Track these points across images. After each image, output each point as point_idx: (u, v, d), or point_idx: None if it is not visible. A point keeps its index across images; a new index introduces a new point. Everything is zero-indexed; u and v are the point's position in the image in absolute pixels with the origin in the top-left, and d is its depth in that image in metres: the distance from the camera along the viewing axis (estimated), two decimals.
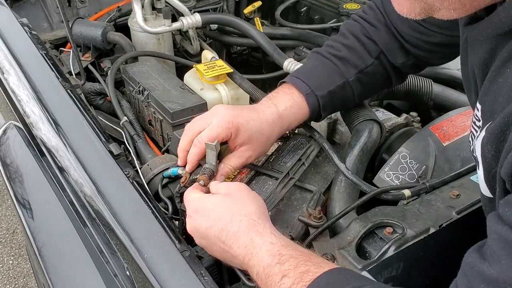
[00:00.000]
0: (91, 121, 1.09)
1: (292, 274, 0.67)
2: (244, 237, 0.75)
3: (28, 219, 1.13)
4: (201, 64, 1.33)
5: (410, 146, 1.03)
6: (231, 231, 0.76)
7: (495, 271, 0.50)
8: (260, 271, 0.71)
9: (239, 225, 0.76)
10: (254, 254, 0.73)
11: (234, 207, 0.79)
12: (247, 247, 0.74)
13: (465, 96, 1.27)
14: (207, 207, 0.81)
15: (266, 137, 0.94)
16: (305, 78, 0.99)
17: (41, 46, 1.36)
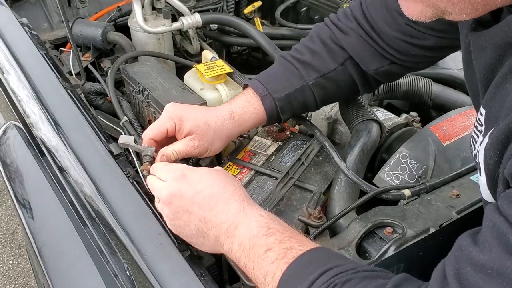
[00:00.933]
0: (91, 121, 1.09)
1: (276, 249, 0.68)
2: (236, 204, 0.76)
3: (28, 219, 1.13)
4: (201, 64, 1.33)
5: (410, 146, 1.03)
6: (223, 198, 0.76)
7: (484, 257, 0.50)
8: (245, 241, 0.71)
9: (232, 193, 0.77)
10: (242, 222, 0.73)
11: (227, 178, 0.81)
12: (237, 214, 0.74)
13: (465, 96, 1.27)
14: (198, 174, 0.80)
15: (213, 130, 0.93)
16: (264, 81, 0.99)
17: (41, 46, 1.36)
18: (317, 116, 1.24)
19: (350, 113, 1.09)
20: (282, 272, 0.65)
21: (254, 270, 0.69)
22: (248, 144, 1.11)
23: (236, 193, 0.78)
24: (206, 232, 0.76)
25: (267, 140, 1.12)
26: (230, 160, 1.06)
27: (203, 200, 0.77)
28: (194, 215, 0.77)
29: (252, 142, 1.12)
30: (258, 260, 0.68)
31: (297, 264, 0.65)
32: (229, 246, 0.73)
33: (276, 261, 0.67)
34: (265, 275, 0.67)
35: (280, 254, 0.67)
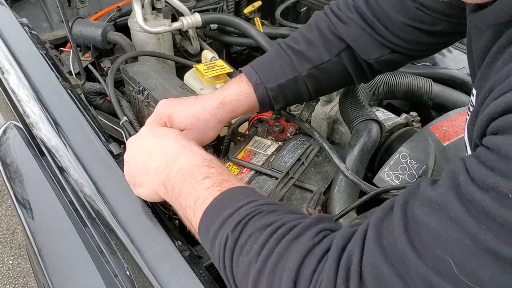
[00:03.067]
0: (91, 121, 1.09)
1: (214, 178, 0.71)
2: (184, 142, 0.80)
3: (28, 219, 1.13)
4: (201, 64, 1.33)
5: (410, 146, 1.03)
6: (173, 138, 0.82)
7: (433, 193, 0.52)
8: (185, 168, 0.74)
9: (183, 138, 0.82)
10: (186, 154, 0.77)
11: (177, 134, 0.86)
12: (183, 148, 0.78)
13: (465, 96, 1.27)
14: (164, 129, 0.88)
15: (203, 122, 0.95)
16: (258, 69, 1.00)
17: (41, 46, 1.36)
18: (317, 116, 1.24)
19: (350, 113, 1.09)
20: (213, 197, 0.68)
21: (187, 194, 0.72)
22: (248, 144, 1.11)
23: (185, 139, 0.82)
24: (149, 165, 0.79)
25: (267, 140, 1.12)
26: (230, 160, 1.06)
27: (155, 141, 0.82)
28: (143, 151, 0.82)
29: (252, 142, 1.12)
30: (194, 186, 0.71)
31: (229, 192, 0.68)
32: (167, 174, 0.76)
33: (211, 187, 0.70)
34: (197, 199, 0.70)
35: (217, 182, 0.70)
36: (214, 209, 0.67)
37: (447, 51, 1.35)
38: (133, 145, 0.86)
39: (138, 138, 0.86)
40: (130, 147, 0.86)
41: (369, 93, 1.17)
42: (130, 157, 0.85)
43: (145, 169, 0.80)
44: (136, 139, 0.86)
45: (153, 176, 0.78)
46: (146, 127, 0.89)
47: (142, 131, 0.87)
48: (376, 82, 1.19)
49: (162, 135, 0.83)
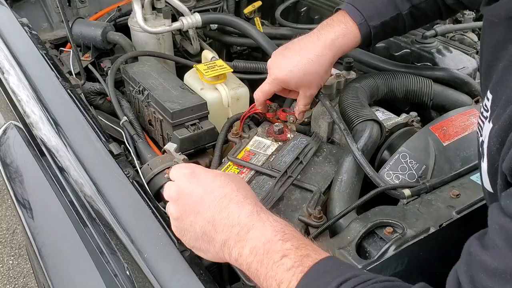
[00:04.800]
0: (91, 121, 1.09)
1: (293, 255, 0.64)
2: (250, 207, 0.71)
3: (28, 219, 1.13)
4: (201, 64, 1.33)
5: (410, 146, 1.03)
6: (235, 200, 0.72)
7: (495, 262, 0.50)
8: (259, 246, 0.66)
9: (245, 197, 0.72)
10: (256, 226, 0.68)
11: (240, 182, 0.77)
12: (250, 217, 0.69)
13: (465, 96, 1.27)
14: (210, 174, 0.76)
15: (314, 73, 1.03)
16: (360, 7, 1.03)
17: (41, 46, 1.36)
18: (317, 115, 1.24)
19: (350, 113, 1.09)
20: (297, 281, 0.62)
21: (267, 276, 0.65)
22: (248, 144, 1.11)
23: (249, 197, 0.73)
24: (213, 236, 0.71)
25: (267, 140, 1.12)
26: (230, 160, 1.06)
27: (213, 200, 0.72)
28: (202, 216, 0.72)
29: (252, 142, 1.12)
30: (273, 267, 0.64)
31: (313, 273, 0.62)
32: (239, 251, 0.68)
33: (292, 268, 0.63)
34: (280, 283, 0.63)
35: (297, 261, 0.63)
36: None
37: (447, 51, 1.35)
38: (182, 201, 0.75)
39: (186, 190, 0.75)
40: (180, 205, 0.75)
41: (369, 93, 1.17)
42: (184, 219, 0.74)
43: (208, 239, 0.72)
44: (183, 192, 0.75)
45: (221, 248, 0.71)
46: (189, 176, 0.76)
47: (187, 181, 0.76)
48: (376, 82, 1.19)
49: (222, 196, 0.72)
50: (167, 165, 1.06)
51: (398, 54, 1.40)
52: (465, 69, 1.30)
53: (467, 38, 1.49)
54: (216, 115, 1.26)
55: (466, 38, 1.49)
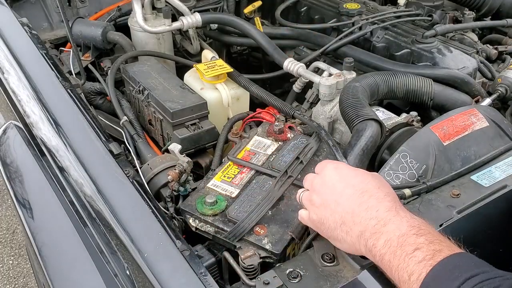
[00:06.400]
0: (91, 121, 1.09)
1: (425, 249, 0.66)
2: (388, 204, 0.73)
3: (28, 219, 1.13)
4: (201, 64, 1.33)
5: (410, 145, 1.03)
6: (375, 195, 0.74)
7: None
8: (393, 239, 0.69)
9: (385, 194, 0.75)
10: (392, 221, 0.71)
11: (382, 181, 0.79)
12: (388, 213, 0.72)
13: (465, 96, 1.27)
14: (353, 170, 0.81)
15: None
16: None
17: (41, 46, 1.36)
18: (317, 115, 1.24)
19: (350, 113, 1.09)
20: (427, 273, 0.63)
21: (399, 268, 0.67)
22: (248, 143, 1.11)
23: (390, 195, 0.75)
24: (351, 226, 0.74)
25: (267, 140, 1.12)
26: (230, 160, 1.06)
27: (354, 193, 0.76)
28: (342, 206, 0.76)
29: (252, 142, 1.12)
30: (405, 259, 0.66)
31: (442, 267, 0.63)
32: (373, 242, 0.71)
33: (423, 261, 0.65)
34: (411, 274, 0.65)
35: (428, 255, 0.65)
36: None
37: (447, 51, 1.34)
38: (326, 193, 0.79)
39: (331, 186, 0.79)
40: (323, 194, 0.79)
41: (369, 92, 1.17)
42: (326, 208, 0.78)
43: (346, 228, 0.75)
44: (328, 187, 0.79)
45: (357, 239, 0.73)
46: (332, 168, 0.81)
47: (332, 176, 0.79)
48: (376, 81, 1.19)
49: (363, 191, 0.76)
50: (167, 165, 1.06)
51: (398, 53, 1.40)
52: (465, 69, 1.30)
53: (467, 38, 1.49)
54: (216, 115, 1.26)
55: (466, 38, 1.49)
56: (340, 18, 1.58)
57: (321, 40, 1.51)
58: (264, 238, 0.88)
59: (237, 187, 0.99)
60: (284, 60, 1.37)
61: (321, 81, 1.22)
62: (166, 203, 1.00)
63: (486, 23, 1.63)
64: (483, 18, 1.67)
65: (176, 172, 0.99)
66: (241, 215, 0.91)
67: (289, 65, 1.35)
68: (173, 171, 0.99)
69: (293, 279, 0.76)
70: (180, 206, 0.97)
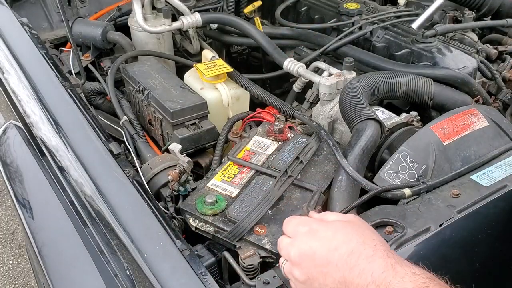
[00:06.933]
0: (91, 121, 1.09)
1: None
2: (382, 262, 0.64)
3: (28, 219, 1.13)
4: (201, 64, 1.33)
5: (410, 145, 1.03)
6: (364, 254, 0.66)
7: None
8: None
9: (374, 249, 0.66)
10: (393, 283, 0.62)
11: (364, 231, 0.70)
12: (385, 274, 0.63)
13: (465, 96, 1.27)
14: (330, 228, 0.71)
15: None
16: None
17: (41, 46, 1.36)
18: (317, 115, 1.24)
19: (350, 113, 1.09)
20: None
21: None
22: (248, 143, 1.11)
23: (378, 248, 0.66)
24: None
25: (267, 139, 1.12)
26: (230, 160, 1.06)
27: (340, 258, 0.66)
28: (331, 276, 0.67)
29: (252, 142, 1.12)
30: None
31: None
32: None
33: None
34: None
35: None
36: None
37: (447, 51, 1.34)
38: (306, 262, 0.69)
39: (312, 248, 0.69)
40: (304, 267, 0.70)
41: (369, 92, 1.17)
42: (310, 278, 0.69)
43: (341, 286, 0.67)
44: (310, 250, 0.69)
45: None
46: (307, 235, 0.71)
47: (308, 243, 0.70)
48: (376, 81, 1.19)
49: (347, 251, 0.67)
50: (167, 164, 1.06)
51: (398, 53, 1.40)
52: (465, 69, 1.30)
53: (467, 37, 1.49)
54: (216, 115, 1.26)
55: (466, 37, 1.49)
56: (340, 18, 1.58)
57: (321, 40, 1.51)
58: (264, 238, 0.88)
59: (237, 187, 0.99)
60: (284, 60, 1.37)
61: (321, 81, 1.22)
62: (166, 203, 1.00)
63: (486, 23, 1.63)
64: (483, 18, 1.66)
65: (176, 172, 0.99)
66: (241, 215, 0.91)
67: (289, 65, 1.35)
68: (173, 171, 0.99)
69: None
70: (180, 206, 0.97)
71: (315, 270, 0.68)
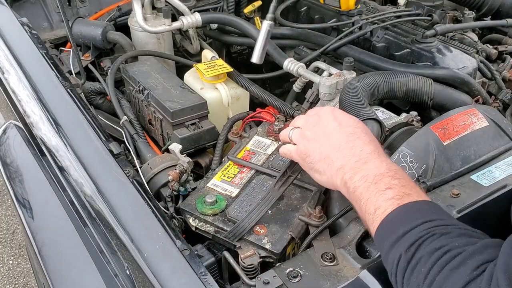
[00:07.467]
0: (91, 121, 1.09)
1: (397, 190, 0.72)
2: (372, 148, 0.80)
3: (28, 219, 1.13)
4: (201, 64, 1.33)
5: (410, 145, 1.03)
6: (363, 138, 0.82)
7: None
8: (370, 175, 0.75)
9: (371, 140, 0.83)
10: (373, 161, 0.78)
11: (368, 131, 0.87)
12: (371, 154, 0.79)
13: (465, 96, 1.27)
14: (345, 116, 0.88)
15: None
16: None
17: (41, 46, 1.36)
18: None
19: (350, 112, 1.09)
20: (392, 210, 0.70)
21: (368, 201, 0.73)
22: (248, 143, 1.11)
23: (375, 142, 0.83)
24: (334, 160, 0.81)
25: (267, 139, 1.12)
26: (230, 159, 1.06)
27: (344, 133, 0.83)
28: (330, 142, 0.83)
29: (252, 142, 1.12)
30: (376, 195, 0.73)
31: (406, 208, 0.70)
32: (351, 175, 0.77)
33: (392, 199, 0.71)
34: (377, 208, 0.72)
35: (398, 195, 0.71)
36: (390, 224, 0.70)
37: (447, 51, 1.34)
38: (319, 130, 0.86)
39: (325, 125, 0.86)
40: (316, 131, 0.86)
41: (369, 92, 1.17)
42: (316, 142, 0.85)
43: (329, 161, 0.82)
44: (323, 125, 0.86)
45: (337, 172, 0.80)
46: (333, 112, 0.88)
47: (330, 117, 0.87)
48: (376, 81, 1.19)
49: (351, 132, 0.83)
50: (167, 164, 1.06)
51: (398, 53, 1.40)
52: (465, 69, 1.30)
53: (467, 37, 1.49)
54: (216, 115, 1.26)
55: (466, 37, 1.49)
56: (340, 18, 1.58)
57: (321, 40, 1.51)
58: (264, 237, 0.88)
59: (237, 187, 0.99)
60: (284, 60, 1.37)
61: (321, 81, 1.22)
62: (166, 203, 1.00)
63: (486, 23, 1.63)
64: (483, 18, 1.66)
65: (177, 172, 0.99)
66: (241, 214, 0.91)
67: (289, 65, 1.35)
68: (174, 171, 0.99)
69: (293, 279, 0.76)
70: (180, 205, 0.97)
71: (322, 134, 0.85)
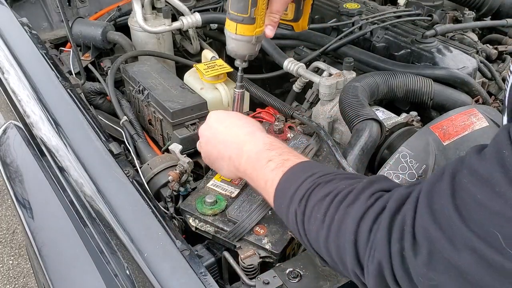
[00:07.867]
0: (91, 121, 1.09)
1: (276, 159, 0.80)
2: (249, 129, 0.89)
3: (28, 219, 1.13)
4: (201, 64, 1.33)
5: (410, 145, 1.03)
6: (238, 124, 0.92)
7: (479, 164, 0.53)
8: (252, 155, 0.84)
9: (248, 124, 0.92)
10: (249, 141, 0.86)
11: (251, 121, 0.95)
12: (246, 136, 0.88)
13: (465, 96, 1.27)
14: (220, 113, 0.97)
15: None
16: None
17: (41, 46, 1.36)
18: (317, 115, 1.24)
19: (350, 113, 1.09)
20: (279, 178, 0.76)
21: (258, 178, 0.81)
22: None
23: (249, 123, 0.92)
24: (223, 153, 0.90)
25: None
26: None
27: (225, 128, 0.92)
28: (218, 140, 0.91)
29: None
30: (261, 169, 0.80)
31: (290, 172, 0.76)
32: (239, 161, 0.86)
33: (276, 169, 0.78)
34: (266, 181, 0.78)
35: (279, 163, 0.78)
36: (281, 189, 0.76)
37: (447, 51, 1.34)
38: (207, 134, 0.95)
39: (210, 127, 0.95)
40: (205, 136, 0.95)
41: (369, 92, 1.17)
42: (207, 145, 0.95)
43: (221, 157, 0.91)
44: (209, 129, 0.95)
45: (229, 163, 0.89)
46: (213, 115, 0.97)
47: (212, 121, 0.96)
48: (376, 81, 1.19)
49: (228, 124, 0.92)
50: (167, 164, 1.06)
51: (398, 53, 1.40)
52: (465, 69, 1.30)
53: (467, 37, 1.49)
54: None
55: (466, 37, 1.49)
56: (340, 18, 1.58)
57: (321, 40, 1.51)
58: (264, 238, 0.88)
59: (237, 187, 0.99)
60: (284, 60, 1.37)
61: (321, 81, 1.22)
62: (166, 203, 1.00)
63: (486, 23, 1.63)
64: (483, 18, 1.66)
65: (177, 172, 0.99)
66: (241, 215, 0.91)
67: (289, 65, 1.35)
68: (174, 171, 0.99)
69: (293, 279, 0.76)
70: (180, 206, 0.97)
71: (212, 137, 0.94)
